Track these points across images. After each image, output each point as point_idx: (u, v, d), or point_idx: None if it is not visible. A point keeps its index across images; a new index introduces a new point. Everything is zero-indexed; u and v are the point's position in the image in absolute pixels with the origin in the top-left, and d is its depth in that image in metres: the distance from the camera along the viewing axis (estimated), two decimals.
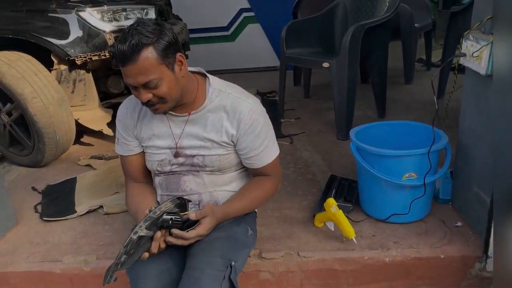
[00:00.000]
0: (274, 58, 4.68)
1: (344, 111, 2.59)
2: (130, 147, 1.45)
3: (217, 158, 1.38)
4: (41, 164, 2.61)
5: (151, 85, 1.20)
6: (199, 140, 1.37)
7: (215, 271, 1.23)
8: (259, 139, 1.37)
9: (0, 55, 2.51)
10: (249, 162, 1.41)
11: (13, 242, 1.86)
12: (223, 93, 1.36)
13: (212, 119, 1.35)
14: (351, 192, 1.96)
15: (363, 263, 1.63)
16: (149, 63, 1.17)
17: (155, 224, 1.19)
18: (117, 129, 1.46)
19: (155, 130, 1.39)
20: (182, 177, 1.42)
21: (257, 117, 1.36)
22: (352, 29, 2.49)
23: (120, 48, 1.15)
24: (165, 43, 1.19)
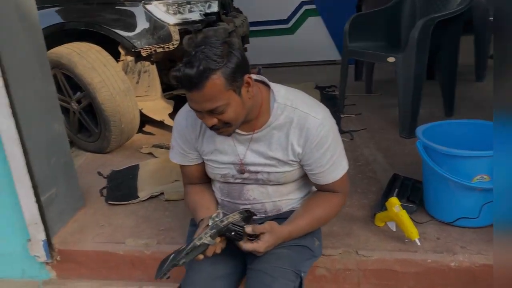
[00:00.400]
0: (334, 52, 4.60)
1: (409, 108, 2.49)
2: (189, 158, 1.39)
3: (282, 175, 1.32)
4: (107, 151, 2.74)
5: (216, 112, 1.14)
6: (264, 158, 1.30)
7: (287, 281, 1.21)
8: (326, 156, 1.27)
9: (73, 46, 2.65)
10: (315, 178, 1.33)
11: (81, 222, 1.97)
12: (289, 108, 1.25)
13: (277, 137, 1.27)
14: (414, 192, 1.88)
15: (426, 266, 1.55)
16: (216, 89, 1.09)
17: (219, 233, 1.19)
18: (174, 138, 1.39)
19: (218, 145, 1.33)
20: (245, 186, 1.37)
21: (326, 134, 1.25)
22: (422, 23, 2.37)
23: (186, 73, 1.07)
24: (233, 66, 1.10)
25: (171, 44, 2.71)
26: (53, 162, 1.86)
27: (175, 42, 2.71)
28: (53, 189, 1.85)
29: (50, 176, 1.84)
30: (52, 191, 1.84)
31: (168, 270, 1.16)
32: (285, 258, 1.26)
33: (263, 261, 1.26)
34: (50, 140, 1.86)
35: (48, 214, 1.81)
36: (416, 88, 2.46)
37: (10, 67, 1.61)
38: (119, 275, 1.81)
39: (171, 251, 1.25)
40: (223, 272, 1.29)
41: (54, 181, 1.86)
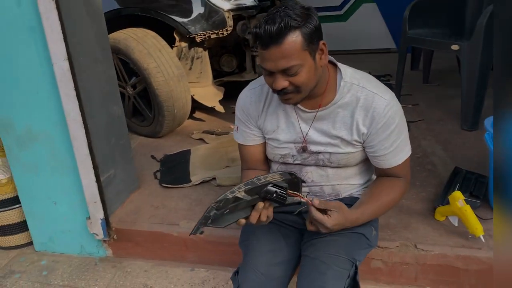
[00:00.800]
0: (388, 40, 4.45)
1: (473, 99, 2.35)
2: (252, 137, 1.39)
3: (343, 156, 1.29)
4: (159, 135, 2.79)
5: (290, 72, 1.12)
6: (327, 137, 1.27)
7: (341, 269, 1.18)
8: (390, 138, 1.23)
9: (130, 31, 2.70)
10: (377, 161, 1.29)
11: (136, 203, 2.02)
12: (356, 87, 1.24)
13: (342, 115, 1.25)
14: (478, 187, 1.78)
15: (490, 264, 1.47)
16: (294, 47, 1.09)
17: (257, 191, 1.11)
18: (238, 118, 1.40)
19: (281, 122, 1.32)
20: (304, 168, 1.35)
21: (393, 115, 1.22)
22: (492, 8, 2.23)
23: (267, 29, 1.07)
24: (312, 27, 1.11)
25: (225, 30, 2.71)
26: (112, 144, 1.92)
27: (229, 28, 2.71)
28: (111, 170, 1.91)
29: (109, 157, 1.90)
30: (110, 172, 1.90)
31: (201, 224, 1.08)
32: (340, 245, 1.23)
33: (318, 249, 1.24)
34: (110, 123, 1.91)
35: (107, 194, 1.87)
36: (481, 78, 2.32)
37: (74, 51, 1.66)
38: (173, 256, 1.85)
39: (226, 235, 1.22)
40: (281, 259, 1.28)
41: (112, 162, 1.92)
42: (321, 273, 1.16)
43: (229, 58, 3.33)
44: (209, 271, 1.79)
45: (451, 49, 2.39)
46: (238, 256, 1.39)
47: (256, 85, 1.36)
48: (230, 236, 1.72)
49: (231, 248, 1.71)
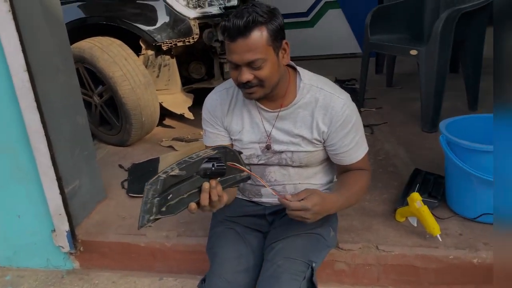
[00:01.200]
0: (354, 45, 4.55)
1: (432, 102, 2.44)
2: (220, 137, 1.41)
3: (305, 155, 1.34)
4: (127, 144, 2.78)
5: (255, 65, 1.18)
6: (289, 136, 1.33)
7: (297, 271, 1.22)
8: (350, 135, 1.30)
9: (95, 40, 2.69)
10: (338, 159, 1.35)
11: (103, 214, 2.00)
12: (315, 88, 1.31)
13: (303, 115, 1.31)
14: (436, 187, 1.85)
15: (447, 263, 1.53)
16: (259, 41, 1.16)
17: (193, 169, 1.07)
18: (205, 120, 1.42)
19: (246, 123, 1.36)
20: (267, 168, 1.40)
21: (350, 114, 1.29)
22: (446, 14, 2.32)
23: (235, 22, 1.14)
24: (277, 25, 1.18)
25: (191, 38, 2.72)
26: (76, 154, 1.90)
27: (195, 36, 2.72)
28: (76, 181, 1.89)
29: (74, 168, 1.88)
30: (75, 183, 1.88)
31: (145, 213, 1.02)
32: (298, 248, 1.27)
33: (276, 253, 1.27)
34: (74, 133, 1.89)
35: (72, 205, 1.85)
36: (439, 81, 2.42)
37: (34, 62, 1.64)
38: (140, 266, 1.84)
39: (194, 243, 1.20)
40: (246, 265, 1.30)
41: (77, 173, 1.90)
42: (277, 277, 1.19)
43: (198, 65, 3.34)
44: (177, 280, 1.79)
45: (410, 54, 2.48)
46: (206, 264, 1.40)
47: (221, 88, 1.41)
48: (198, 244, 1.73)
49: (199, 256, 1.72)
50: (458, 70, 3.32)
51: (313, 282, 1.23)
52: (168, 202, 1.05)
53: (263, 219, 1.44)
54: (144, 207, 1.03)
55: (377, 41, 2.77)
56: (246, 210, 1.46)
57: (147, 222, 1.04)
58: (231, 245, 1.35)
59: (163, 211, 1.05)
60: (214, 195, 1.11)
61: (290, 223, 1.35)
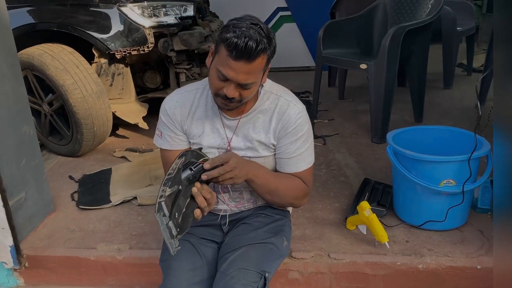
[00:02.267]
0: (309, 58, 4.66)
1: (380, 114, 2.55)
2: (178, 141, 1.41)
3: (261, 161, 1.37)
4: (78, 154, 2.69)
5: (245, 87, 1.20)
6: (247, 141, 1.36)
7: (249, 282, 1.22)
8: (296, 145, 1.34)
9: (45, 47, 2.60)
10: (280, 165, 1.38)
11: (51, 227, 1.93)
12: (274, 96, 1.35)
13: (262, 120, 1.35)
14: (385, 196, 1.93)
15: (395, 269, 1.60)
16: (259, 67, 1.18)
17: (176, 181, 1.14)
18: (162, 122, 1.40)
19: (206, 128, 1.37)
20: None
21: (303, 123, 1.34)
22: (392, 31, 2.44)
23: (249, 45, 1.12)
24: (273, 51, 1.21)
25: (146, 47, 2.70)
26: (22, 165, 1.82)
27: (150, 45, 2.70)
28: (22, 193, 1.81)
29: (19, 179, 1.80)
30: (21, 195, 1.80)
31: (171, 238, 1.08)
32: (251, 259, 1.28)
33: (229, 264, 1.27)
34: (20, 143, 1.81)
35: (17, 218, 1.76)
36: (387, 95, 2.53)
37: None
38: (90, 281, 1.78)
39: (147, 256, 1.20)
40: (201, 277, 1.29)
41: (23, 185, 1.82)
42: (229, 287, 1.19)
43: (153, 74, 3.30)
44: None
45: (360, 68, 2.58)
46: (159, 277, 1.37)
47: (182, 91, 1.40)
48: (151, 257, 1.70)
49: (152, 269, 1.69)
50: (405, 84, 3.48)
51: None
52: (177, 220, 1.11)
53: (218, 229, 1.44)
54: (166, 234, 1.09)
55: (329, 55, 2.87)
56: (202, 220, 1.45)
57: (176, 246, 1.10)
58: (185, 257, 1.33)
59: (180, 231, 1.11)
60: (207, 194, 1.18)
61: (243, 234, 1.36)
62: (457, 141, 1.80)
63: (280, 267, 1.60)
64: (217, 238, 1.43)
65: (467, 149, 1.58)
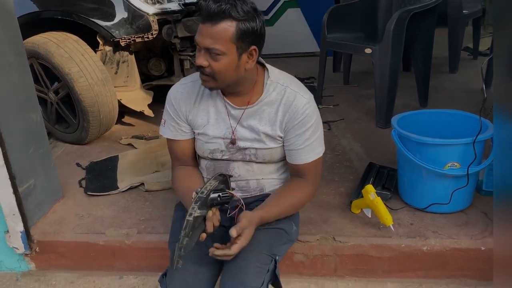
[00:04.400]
0: (313, 44, 4.63)
1: (385, 98, 2.55)
2: (180, 132, 1.41)
3: (268, 152, 1.37)
4: (85, 142, 2.71)
5: (212, 53, 1.18)
6: (254, 133, 1.35)
7: (261, 264, 1.24)
8: (305, 135, 1.33)
9: (49, 35, 2.60)
10: (289, 156, 1.38)
11: (60, 213, 1.96)
12: (280, 86, 1.33)
13: (268, 112, 1.33)
14: (390, 180, 1.94)
15: (399, 251, 1.61)
16: (223, 34, 1.16)
17: (205, 203, 1.19)
18: (167, 111, 1.41)
19: (211, 118, 1.37)
20: (231, 163, 1.41)
21: (311, 114, 1.32)
22: (397, 15, 2.42)
23: (209, 5, 1.14)
24: (249, 28, 1.18)
25: (150, 34, 2.69)
26: (31, 153, 1.84)
27: (154, 32, 2.69)
28: (31, 180, 1.84)
29: (28, 167, 1.82)
30: (30, 182, 1.83)
31: (179, 256, 1.13)
32: (261, 242, 1.29)
33: None
34: (28, 131, 1.84)
35: (26, 205, 1.80)
36: (392, 79, 2.52)
37: None
38: (100, 265, 1.81)
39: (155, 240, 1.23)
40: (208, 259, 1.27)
41: (32, 172, 1.85)
42: (241, 269, 1.21)
43: (157, 62, 3.31)
44: (138, 278, 1.78)
45: (365, 52, 2.57)
46: (167, 260, 1.40)
47: (187, 81, 1.40)
48: (158, 241, 1.73)
49: (160, 253, 1.72)
50: (410, 69, 3.47)
51: (276, 274, 1.27)
52: (190, 238, 1.15)
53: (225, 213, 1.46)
54: (178, 252, 1.13)
55: (333, 40, 2.85)
56: None
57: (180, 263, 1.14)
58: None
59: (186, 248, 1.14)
60: (216, 221, 1.20)
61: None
62: (462, 124, 1.80)
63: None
64: (225, 223, 1.44)
65: (472, 132, 1.59)
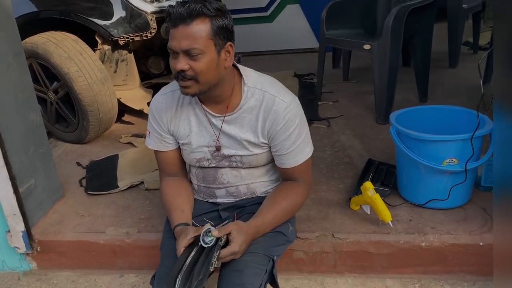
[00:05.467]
0: (313, 40, 4.62)
1: (385, 94, 2.54)
2: (165, 143, 1.41)
3: (254, 158, 1.36)
4: (85, 141, 2.72)
5: (192, 53, 1.16)
6: (236, 141, 1.34)
7: (258, 265, 1.24)
8: (290, 139, 1.31)
9: (48, 35, 2.60)
10: (278, 161, 1.37)
11: (60, 213, 1.97)
12: (258, 91, 1.30)
13: (248, 119, 1.31)
14: (388, 176, 1.94)
15: (398, 247, 1.62)
16: (199, 31, 1.15)
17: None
18: (150, 122, 1.40)
19: (193, 127, 1.35)
20: (219, 170, 1.41)
21: (292, 117, 1.29)
22: (396, 10, 2.42)
23: (179, 9, 1.14)
24: (222, 23, 1.18)
25: (149, 33, 2.70)
26: (31, 152, 1.85)
27: (152, 30, 2.70)
28: (31, 180, 1.85)
29: (28, 167, 1.83)
30: (30, 182, 1.84)
31: None
32: (258, 243, 1.29)
33: None
34: (27, 131, 1.84)
35: (27, 205, 1.81)
36: (391, 75, 2.52)
37: None
38: (100, 264, 1.83)
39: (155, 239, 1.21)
40: None
41: (32, 172, 1.86)
42: (239, 271, 1.21)
43: (157, 60, 3.31)
44: (138, 276, 1.79)
45: (364, 49, 2.56)
46: None
47: (167, 91, 1.38)
48: (158, 240, 1.70)
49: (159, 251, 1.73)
50: (410, 64, 3.46)
51: (273, 274, 1.27)
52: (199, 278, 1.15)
53: (215, 213, 1.47)
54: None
55: (332, 36, 2.85)
56: (202, 208, 1.47)
57: None
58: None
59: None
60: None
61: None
62: (461, 120, 1.80)
63: None
64: (214, 221, 1.42)
65: (471, 127, 1.58)
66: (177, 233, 1.29)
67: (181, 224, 1.31)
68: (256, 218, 1.30)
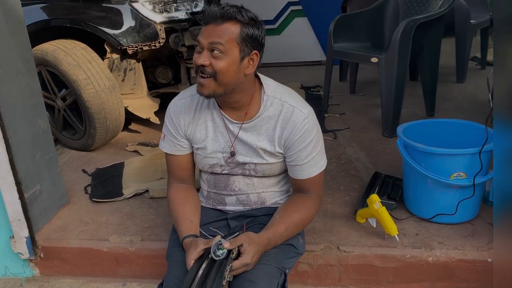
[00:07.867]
0: (320, 53, 4.64)
1: (392, 108, 2.54)
2: (179, 146, 1.41)
3: (268, 167, 1.36)
4: (91, 148, 2.73)
5: (216, 49, 1.18)
6: (252, 149, 1.34)
7: (271, 278, 1.23)
8: (306, 150, 1.31)
9: (58, 43, 2.64)
10: (292, 171, 1.37)
11: (65, 219, 1.96)
12: (278, 101, 1.31)
13: (266, 128, 1.32)
14: (395, 189, 1.92)
15: (404, 261, 1.60)
16: (228, 32, 1.18)
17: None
18: (166, 126, 1.42)
19: (209, 132, 1.36)
20: (231, 177, 1.41)
21: (310, 129, 1.31)
22: (404, 24, 2.42)
23: (213, 9, 1.19)
24: (252, 32, 1.20)
25: (157, 42, 2.72)
26: (37, 159, 1.86)
27: (161, 40, 2.72)
28: (37, 186, 1.85)
29: (34, 173, 1.84)
30: (36, 188, 1.84)
31: None
32: (270, 255, 1.28)
33: None
34: (35, 137, 1.85)
35: (32, 211, 1.81)
36: (398, 88, 2.51)
37: None
38: (103, 272, 1.82)
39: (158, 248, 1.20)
40: None
41: (38, 178, 1.86)
42: (252, 282, 1.20)
43: (164, 69, 3.33)
44: (141, 285, 1.78)
45: (371, 62, 2.57)
46: None
47: (186, 95, 1.39)
48: (162, 249, 1.72)
49: (163, 260, 1.68)
50: (417, 78, 3.46)
51: (285, 287, 1.26)
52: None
53: (224, 221, 1.46)
54: None
55: (340, 49, 2.86)
56: (210, 217, 1.46)
57: None
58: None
59: None
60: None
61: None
62: (469, 134, 1.79)
63: None
64: (222, 231, 1.43)
65: (479, 142, 1.57)
66: (186, 244, 1.28)
67: (190, 235, 1.30)
68: (267, 230, 1.29)
